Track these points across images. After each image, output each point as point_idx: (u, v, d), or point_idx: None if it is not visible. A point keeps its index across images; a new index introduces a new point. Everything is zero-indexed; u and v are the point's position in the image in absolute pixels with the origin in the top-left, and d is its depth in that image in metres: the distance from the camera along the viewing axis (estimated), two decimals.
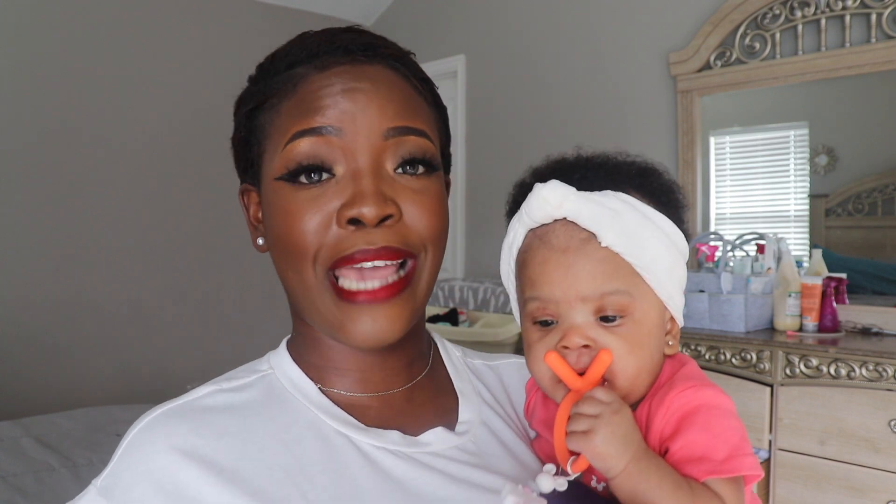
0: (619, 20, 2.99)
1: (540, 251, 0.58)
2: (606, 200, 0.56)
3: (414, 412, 0.65)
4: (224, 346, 3.54)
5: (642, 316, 0.57)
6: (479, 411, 0.68)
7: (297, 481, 0.56)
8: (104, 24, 3.20)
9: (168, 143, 3.32)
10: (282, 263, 0.61)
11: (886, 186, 2.34)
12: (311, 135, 0.57)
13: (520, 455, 0.66)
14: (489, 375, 0.74)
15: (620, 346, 0.56)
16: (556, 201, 0.56)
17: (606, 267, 0.56)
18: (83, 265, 3.14)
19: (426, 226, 0.60)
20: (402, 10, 3.99)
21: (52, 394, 2.99)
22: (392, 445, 0.60)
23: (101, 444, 2.10)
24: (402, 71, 0.62)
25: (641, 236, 0.56)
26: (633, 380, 0.57)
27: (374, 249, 0.56)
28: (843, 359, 1.88)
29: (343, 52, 0.59)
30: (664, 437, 0.55)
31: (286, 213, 0.58)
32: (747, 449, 0.54)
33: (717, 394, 0.55)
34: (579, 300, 0.56)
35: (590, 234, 0.56)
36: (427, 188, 0.60)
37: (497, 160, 3.44)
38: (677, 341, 0.61)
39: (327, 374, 0.64)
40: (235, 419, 0.59)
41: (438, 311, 3.22)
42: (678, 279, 0.60)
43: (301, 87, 0.59)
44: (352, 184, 0.57)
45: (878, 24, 2.29)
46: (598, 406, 0.52)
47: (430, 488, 0.58)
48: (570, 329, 0.56)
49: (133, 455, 0.56)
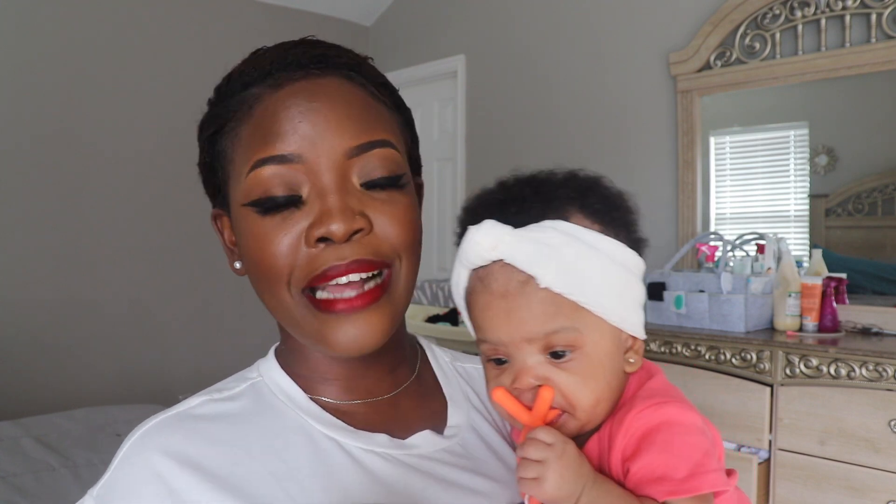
0: (619, 20, 2.99)
1: (482, 295, 0.57)
2: (543, 236, 0.55)
3: (401, 417, 0.65)
4: (223, 346, 3.54)
5: (593, 347, 0.56)
6: (468, 415, 0.68)
7: (287, 486, 0.57)
8: (104, 25, 3.20)
9: (168, 144, 3.32)
10: (258, 287, 0.61)
11: (886, 186, 2.34)
12: (272, 163, 0.57)
13: (506, 459, 0.67)
14: (479, 379, 0.74)
15: (574, 381, 0.56)
16: (489, 245, 0.55)
17: (548, 307, 0.55)
18: (83, 266, 3.14)
19: (397, 235, 0.59)
20: (402, 10, 3.99)
21: (52, 394, 2.99)
22: (380, 448, 0.61)
23: (100, 444, 2.10)
24: (358, 80, 0.61)
25: (583, 269, 0.55)
26: (592, 410, 0.57)
27: (345, 264, 0.56)
28: (843, 359, 1.88)
29: (296, 67, 0.59)
30: (625, 456, 0.55)
31: (256, 238, 0.58)
32: (711, 465, 0.53)
33: (681, 410, 0.55)
34: (525, 342, 0.56)
35: (528, 276, 0.55)
36: (396, 199, 0.60)
37: (497, 160, 3.44)
38: (640, 356, 0.60)
39: (313, 383, 0.65)
40: (227, 427, 0.60)
41: (438, 311, 3.22)
42: (632, 299, 0.59)
43: (257, 109, 0.58)
44: (318, 202, 0.57)
45: (878, 24, 2.28)
46: (543, 450, 0.53)
47: (418, 490, 0.59)
48: (521, 370, 0.56)
49: (128, 464, 0.57)
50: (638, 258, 0.60)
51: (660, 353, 2.23)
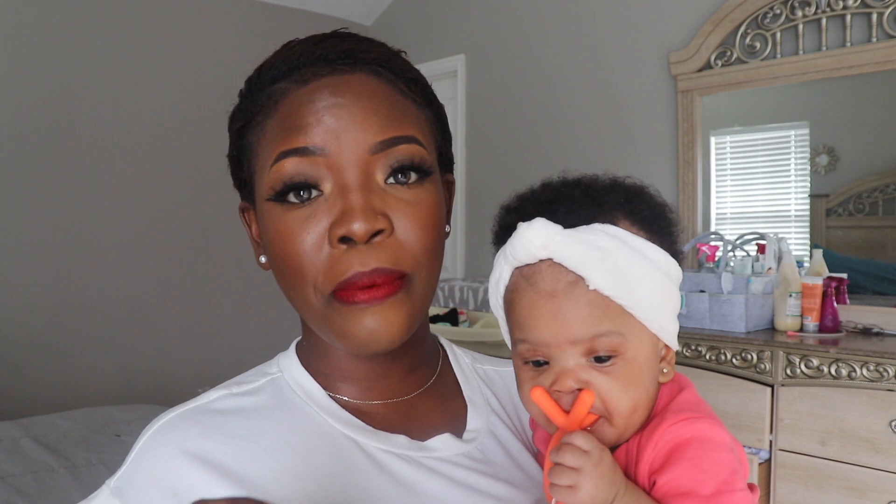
0: (620, 20, 2.99)
1: (527, 294, 0.56)
2: (594, 238, 0.55)
3: (421, 418, 0.65)
4: (223, 346, 3.53)
5: (635, 353, 0.56)
6: (487, 420, 0.68)
7: (305, 484, 0.57)
8: (103, 24, 3.19)
9: (167, 144, 3.32)
10: (283, 283, 0.61)
11: (887, 186, 2.34)
12: (295, 155, 0.56)
13: (525, 465, 0.66)
14: (499, 382, 0.74)
15: (615, 387, 0.55)
16: (540, 243, 0.54)
17: (595, 310, 0.54)
18: (83, 265, 3.14)
19: (419, 239, 0.58)
20: (402, 10, 3.99)
21: (52, 394, 2.99)
22: (399, 449, 0.60)
23: (100, 444, 2.10)
24: (387, 76, 0.60)
25: (631, 275, 0.55)
26: (630, 417, 0.56)
27: (368, 273, 0.56)
28: (843, 359, 1.88)
29: (323, 62, 0.58)
30: (653, 469, 0.54)
31: (279, 234, 0.58)
32: (738, 484, 0.53)
33: (711, 426, 0.54)
34: (569, 344, 0.55)
35: (577, 277, 0.54)
36: (420, 198, 0.59)
37: (497, 160, 3.44)
38: (672, 366, 0.60)
39: (334, 381, 0.64)
40: (245, 422, 0.60)
41: (438, 311, 3.22)
42: (671, 309, 0.59)
43: (283, 104, 0.58)
44: (340, 200, 0.56)
45: (878, 24, 2.28)
46: (580, 458, 0.52)
47: (437, 492, 0.59)
48: (562, 373, 0.55)
49: (146, 457, 0.58)
50: (678, 268, 0.60)
51: None
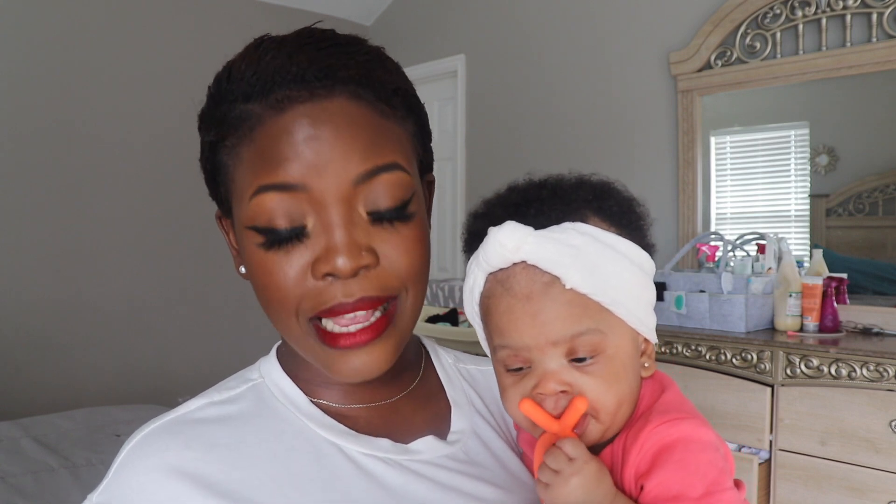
0: (620, 20, 2.99)
1: (503, 299, 0.56)
2: (566, 237, 0.54)
3: (404, 421, 0.65)
4: (223, 345, 3.54)
5: (615, 350, 0.56)
6: (471, 421, 0.68)
7: (287, 491, 0.56)
8: (103, 24, 3.19)
9: (167, 144, 3.31)
10: (265, 309, 0.60)
11: (887, 186, 2.34)
12: (274, 190, 0.55)
13: (509, 465, 0.66)
14: (482, 382, 0.74)
15: (598, 385, 0.55)
16: (513, 246, 0.54)
17: (574, 309, 0.54)
18: (82, 265, 3.14)
19: (405, 267, 0.58)
20: (402, 9, 3.99)
21: (52, 394, 2.99)
22: (382, 453, 0.60)
23: (100, 444, 2.10)
24: (367, 97, 0.57)
25: (606, 271, 0.55)
26: (615, 414, 0.56)
27: (351, 302, 0.55)
28: (843, 359, 1.88)
29: (301, 84, 0.55)
30: (639, 473, 0.54)
31: (261, 267, 0.57)
32: (726, 483, 0.53)
33: (696, 426, 0.54)
34: (550, 345, 0.55)
35: (553, 277, 0.54)
36: (403, 230, 0.58)
37: (497, 160, 3.44)
38: (653, 361, 0.60)
39: (315, 386, 0.64)
40: (226, 431, 0.59)
41: (438, 311, 3.22)
42: (647, 301, 0.59)
43: (258, 132, 0.56)
44: (324, 236, 0.55)
45: (878, 24, 2.28)
46: (566, 462, 0.53)
47: (420, 495, 0.59)
48: (545, 375, 0.55)
49: (127, 471, 0.57)
50: (651, 261, 0.60)
51: (660, 353, 2.22)
